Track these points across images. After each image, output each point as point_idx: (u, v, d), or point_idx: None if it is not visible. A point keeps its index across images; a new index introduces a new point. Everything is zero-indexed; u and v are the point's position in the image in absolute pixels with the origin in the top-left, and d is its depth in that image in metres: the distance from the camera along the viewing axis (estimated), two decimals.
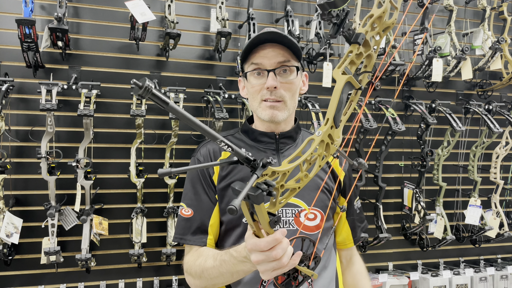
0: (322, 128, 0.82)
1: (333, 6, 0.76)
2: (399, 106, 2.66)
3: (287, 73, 1.18)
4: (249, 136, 1.28)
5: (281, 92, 1.17)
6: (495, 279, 2.74)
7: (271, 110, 1.18)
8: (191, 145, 2.25)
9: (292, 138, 1.28)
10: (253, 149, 1.25)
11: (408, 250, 2.71)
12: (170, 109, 0.58)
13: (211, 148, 1.26)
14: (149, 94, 0.55)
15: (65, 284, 2.09)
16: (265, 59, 1.16)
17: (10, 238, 1.86)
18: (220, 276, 1.05)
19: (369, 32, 0.79)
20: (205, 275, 1.09)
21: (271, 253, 0.80)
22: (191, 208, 1.21)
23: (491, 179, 2.63)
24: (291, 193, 0.83)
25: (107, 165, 2.16)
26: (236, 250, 0.98)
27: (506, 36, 2.52)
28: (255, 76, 1.19)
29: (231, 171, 1.20)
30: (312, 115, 2.16)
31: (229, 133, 1.34)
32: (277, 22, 2.42)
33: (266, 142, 1.25)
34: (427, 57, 2.39)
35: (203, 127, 0.62)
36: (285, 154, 1.24)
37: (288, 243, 0.84)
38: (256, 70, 1.18)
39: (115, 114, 2.18)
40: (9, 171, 1.96)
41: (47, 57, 2.06)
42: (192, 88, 2.25)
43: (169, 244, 2.10)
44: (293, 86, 1.20)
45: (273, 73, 1.15)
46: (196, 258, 1.15)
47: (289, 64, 1.18)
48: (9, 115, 2.00)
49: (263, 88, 1.17)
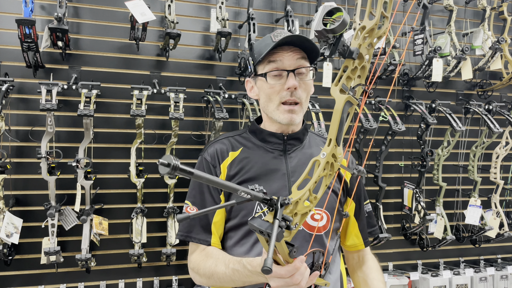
0: (326, 150, 0.85)
1: (332, 33, 0.77)
2: (399, 106, 2.67)
3: (304, 74, 1.19)
4: (257, 136, 1.29)
5: (300, 93, 1.17)
6: (495, 279, 2.74)
7: (289, 114, 1.18)
8: (191, 145, 2.26)
9: (300, 140, 1.28)
10: (260, 149, 1.25)
11: (408, 250, 2.71)
12: (195, 177, 0.62)
13: (219, 148, 1.26)
14: (177, 171, 0.57)
15: (65, 284, 2.09)
16: (285, 60, 1.16)
17: (10, 238, 1.86)
18: (231, 281, 1.08)
19: (362, 44, 0.81)
20: (215, 278, 1.12)
21: (291, 280, 0.85)
22: (196, 206, 1.21)
23: (491, 179, 2.63)
24: (303, 217, 0.86)
25: (107, 165, 2.16)
26: (251, 264, 0.99)
27: (506, 36, 2.52)
28: (273, 76, 1.18)
29: (239, 171, 1.21)
30: (312, 115, 2.16)
31: (237, 133, 1.34)
32: (277, 22, 2.43)
33: (273, 142, 1.26)
34: (427, 57, 2.39)
35: (226, 184, 0.69)
36: (292, 156, 1.24)
37: (306, 268, 0.87)
38: (276, 71, 1.17)
39: (115, 114, 2.18)
40: (9, 171, 1.96)
41: (47, 57, 2.06)
42: (192, 88, 2.25)
43: (169, 244, 2.10)
44: (308, 88, 1.21)
45: (293, 73, 1.15)
46: (205, 259, 1.16)
47: (306, 64, 1.18)
48: (9, 115, 2.00)
49: (282, 90, 1.16)
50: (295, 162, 1.22)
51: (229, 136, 1.32)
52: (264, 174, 1.19)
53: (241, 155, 1.24)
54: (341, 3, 2.56)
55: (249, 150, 1.25)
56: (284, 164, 1.21)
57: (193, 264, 1.20)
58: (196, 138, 2.24)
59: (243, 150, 1.25)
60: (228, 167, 1.22)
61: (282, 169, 1.21)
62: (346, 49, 0.79)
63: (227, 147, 1.26)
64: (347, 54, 0.79)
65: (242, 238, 1.18)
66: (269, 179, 1.18)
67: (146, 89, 2.01)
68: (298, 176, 1.19)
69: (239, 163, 1.22)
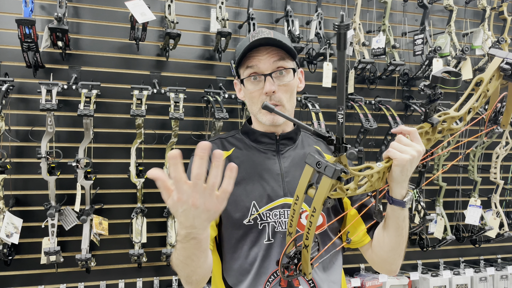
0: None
1: (443, 84, 0.90)
2: (399, 106, 2.67)
3: (283, 75, 1.17)
4: (250, 137, 1.28)
5: (279, 96, 1.16)
6: (495, 279, 2.74)
7: (271, 116, 1.17)
8: (191, 145, 2.25)
9: (293, 139, 1.28)
10: (253, 150, 1.24)
11: (408, 250, 2.71)
12: None
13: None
14: None
15: (65, 284, 2.09)
16: (261, 63, 1.14)
17: (10, 238, 1.86)
18: (185, 266, 0.94)
19: (439, 124, 0.97)
20: (178, 266, 0.97)
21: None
22: None
23: (491, 179, 2.63)
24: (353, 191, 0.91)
25: (107, 165, 2.16)
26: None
27: (506, 36, 2.52)
28: (251, 81, 1.17)
29: None
30: (312, 115, 2.16)
31: (230, 134, 1.33)
32: (277, 22, 2.43)
33: (266, 143, 1.25)
34: (427, 57, 2.39)
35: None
36: (285, 156, 1.23)
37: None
38: (252, 75, 1.16)
39: (115, 114, 2.18)
40: (9, 171, 1.96)
41: (47, 57, 2.06)
42: (192, 88, 2.25)
43: (169, 244, 2.10)
44: (290, 88, 1.19)
45: (270, 77, 1.14)
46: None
47: (285, 65, 1.17)
48: (9, 115, 2.00)
49: (262, 94, 1.15)
50: (289, 162, 1.21)
51: (221, 137, 1.31)
52: (258, 174, 1.18)
53: (233, 156, 1.23)
54: (341, 3, 2.56)
55: (241, 151, 1.24)
56: (278, 165, 1.20)
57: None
58: (196, 138, 2.24)
59: (235, 150, 1.24)
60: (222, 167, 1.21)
61: (275, 169, 1.19)
62: (431, 113, 0.97)
63: (218, 148, 1.25)
64: (428, 117, 0.97)
65: (240, 240, 1.15)
66: (263, 179, 1.17)
67: (146, 89, 2.01)
68: (292, 177, 1.17)
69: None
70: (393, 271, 1.21)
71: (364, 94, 2.47)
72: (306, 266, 0.93)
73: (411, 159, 0.93)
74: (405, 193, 1.02)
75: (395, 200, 1.02)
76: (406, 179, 0.99)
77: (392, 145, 0.97)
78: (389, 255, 1.16)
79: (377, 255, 1.20)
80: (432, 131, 0.98)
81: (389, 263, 1.19)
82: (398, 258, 1.16)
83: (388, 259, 1.17)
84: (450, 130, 1.00)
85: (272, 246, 1.12)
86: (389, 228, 1.10)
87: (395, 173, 0.96)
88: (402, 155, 0.94)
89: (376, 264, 1.24)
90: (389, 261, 1.18)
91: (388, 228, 1.11)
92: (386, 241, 1.13)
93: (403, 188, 1.01)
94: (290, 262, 0.95)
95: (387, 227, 1.12)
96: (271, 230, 1.14)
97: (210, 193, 0.74)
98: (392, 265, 1.19)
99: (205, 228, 0.82)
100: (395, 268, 1.19)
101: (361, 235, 1.24)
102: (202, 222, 0.79)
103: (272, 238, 1.14)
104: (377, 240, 1.18)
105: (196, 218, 0.78)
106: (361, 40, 2.32)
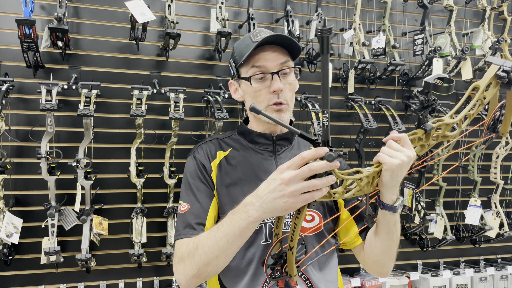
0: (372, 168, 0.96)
1: (435, 90, 0.92)
2: (399, 106, 2.67)
3: (288, 74, 1.18)
4: (246, 137, 1.28)
5: (285, 94, 1.17)
6: (495, 279, 2.74)
7: (278, 113, 1.16)
8: (191, 145, 2.25)
9: (289, 140, 1.28)
10: (249, 150, 1.24)
11: (408, 250, 2.71)
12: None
13: (208, 148, 1.26)
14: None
15: (65, 284, 2.09)
16: (268, 62, 1.15)
17: (10, 238, 1.86)
18: (215, 245, 0.97)
19: (432, 131, 0.97)
20: (199, 250, 0.99)
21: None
22: (188, 203, 1.18)
23: (491, 179, 2.63)
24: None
25: (107, 165, 2.16)
26: (244, 202, 0.96)
27: (506, 36, 2.52)
28: (257, 80, 1.17)
29: (228, 172, 1.20)
30: (312, 115, 2.16)
31: (226, 135, 1.33)
32: (277, 22, 2.43)
33: (263, 143, 1.25)
34: (427, 57, 2.39)
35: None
36: (281, 156, 1.23)
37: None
38: (259, 74, 1.16)
39: (115, 114, 2.18)
40: (9, 171, 1.96)
41: (47, 57, 2.06)
42: (192, 88, 2.25)
43: (169, 244, 2.10)
44: (293, 87, 1.20)
45: (277, 76, 1.14)
46: (189, 241, 1.07)
47: (290, 65, 1.18)
48: (9, 115, 2.00)
49: (268, 92, 1.15)
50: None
51: (218, 137, 1.31)
52: (254, 175, 1.18)
53: (230, 156, 1.23)
54: (341, 3, 2.56)
55: (238, 152, 1.24)
56: (275, 165, 1.20)
57: (178, 255, 1.06)
58: (196, 138, 2.24)
59: (231, 151, 1.25)
60: (217, 167, 1.21)
61: (272, 170, 1.19)
62: (423, 120, 0.99)
63: (215, 147, 1.26)
64: (422, 124, 0.98)
65: None
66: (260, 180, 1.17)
67: (146, 89, 2.01)
68: None
69: (228, 164, 1.21)
70: (384, 274, 1.22)
71: (364, 94, 2.48)
72: (291, 267, 0.93)
73: (400, 164, 0.92)
74: (396, 198, 1.02)
75: (386, 205, 1.02)
76: (397, 184, 0.98)
77: (382, 150, 0.97)
78: (380, 258, 1.16)
79: (369, 257, 1.21)
80: (426, 137, 0.97)
81: (380, 266, 1.20)
82: (389, 261, 1.17)
83: (379, 262, 1.18)
84: (445, 137, 0.98)
85: (269, 247, 1.12)
86: (380, 232, 1.11)
87: (385, 178, 0.95)
88: (392, 160, 0.93)
89: (368, 265, 1.26)
90: (380, 263, 1.19)
91: (379, 232, 1.11)
92: (377, 244, 1.14)
93: (394, 194, 1.00)
94: (276, 263, 0.95)
95: (378, 231, 1.12)
96: (268, 231, 1.15)
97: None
98: (383, 268, 1.20)
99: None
100: (386, 271, 1.21)
101: (353, 236, 1.25)
102: (281, 212, 0.90)
103: (269, 239, 1.14)
104: (368, 243, 1.19)
105: (284, 209, 0.87)
106: (361, 40, 2.32)
